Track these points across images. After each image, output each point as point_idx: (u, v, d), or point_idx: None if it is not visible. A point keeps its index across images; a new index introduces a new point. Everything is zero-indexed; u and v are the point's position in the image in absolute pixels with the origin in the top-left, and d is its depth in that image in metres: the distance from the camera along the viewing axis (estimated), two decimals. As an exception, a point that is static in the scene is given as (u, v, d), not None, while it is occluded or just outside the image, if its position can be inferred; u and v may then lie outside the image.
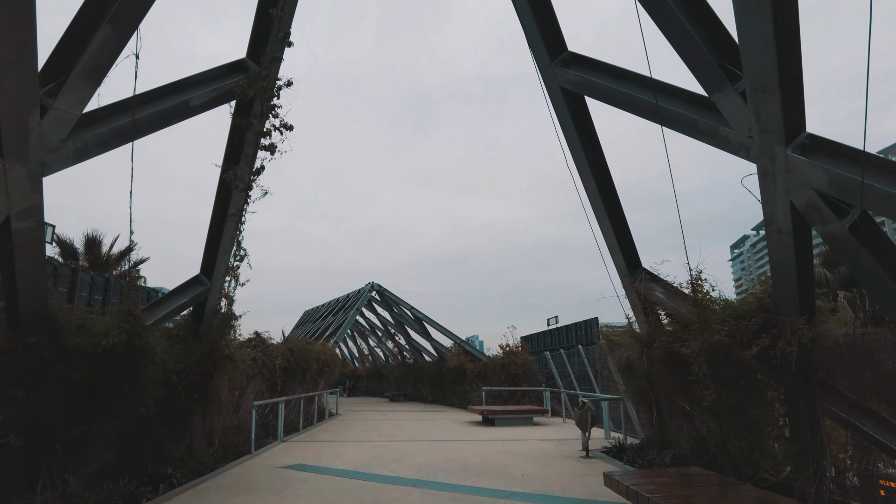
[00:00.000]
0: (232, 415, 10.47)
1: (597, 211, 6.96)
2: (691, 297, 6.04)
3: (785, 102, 3.85)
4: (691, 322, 5.94)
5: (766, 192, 4.32)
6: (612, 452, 9.16)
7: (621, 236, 7.09)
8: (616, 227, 6.99)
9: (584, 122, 6.69)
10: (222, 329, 7.25)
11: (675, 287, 6.84)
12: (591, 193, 6.81)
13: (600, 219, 7.00)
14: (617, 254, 7.19)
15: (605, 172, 6.75)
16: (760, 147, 4.13)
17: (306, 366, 13.36)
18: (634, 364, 9.20)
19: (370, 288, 26.42)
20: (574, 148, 6.60)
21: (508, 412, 14.38)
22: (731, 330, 5.24)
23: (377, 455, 9.38)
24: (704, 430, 7.48)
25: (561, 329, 21.05)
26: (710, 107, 4.59)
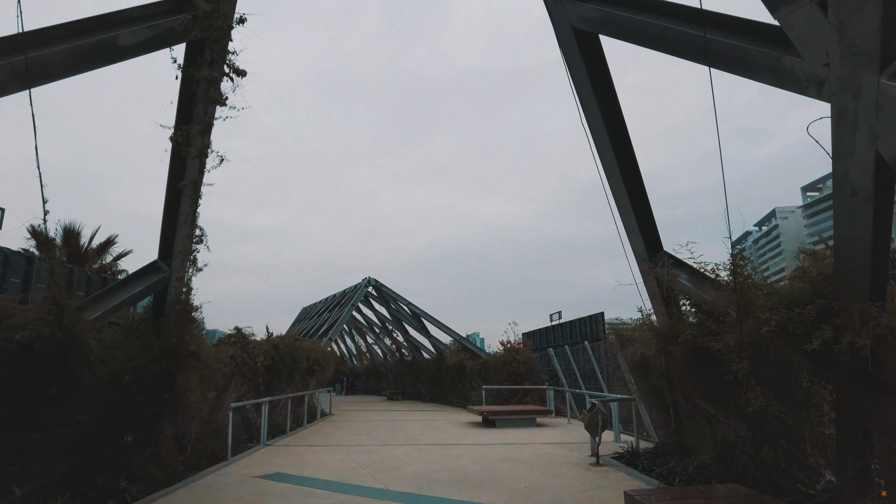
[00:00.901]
0: (209, 418, 9.63)
1: (614, 185, 6.07)
2: (728, 283, 5.11)
3: (888, 8, 2.89)
4: (726, 312, 5.05)
5: (842, 140, 3.38)
6: (624, 459, 8.30)
7: (641, 214, 6.20)
8: (635, 204, 6.11)
9: (601, 74, 5.70)
10: (181, 323, 6.37)
11: (702, 272, 5.96)
12: (607, 164, 5.92)
13: (617, 194, 6.12)
14: (635, 235, 6.31)
15: (624, 138, 5.85)
16: (840, 78, 3.16)
17: (294, 364, 12.51)
18: (650, 361, 8.34)
19: (366, 283, 25.55)
20: (588, 107, 5.67)
21: (510, 413, 13.53)
22: (781, 320, 4.36)
23: (367, 462, 8.53)
24: (732, 436, 6.62)
25: (564, 325, 20.16)
26: (767, 36, 3.68)
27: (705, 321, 5.70)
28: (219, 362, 8.95)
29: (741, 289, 4.79)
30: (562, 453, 9.15)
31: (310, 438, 11.53)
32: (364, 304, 30.55)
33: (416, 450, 9.79)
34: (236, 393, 11.21)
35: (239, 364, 10.20)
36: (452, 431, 12.67)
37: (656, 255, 6.42)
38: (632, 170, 5.97)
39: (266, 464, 8.47)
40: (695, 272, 6.10)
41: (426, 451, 9.58)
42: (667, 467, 7.07)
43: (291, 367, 12.46)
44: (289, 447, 10.35)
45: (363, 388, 37.25)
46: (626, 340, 9.26)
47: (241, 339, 10.72)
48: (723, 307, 5.08)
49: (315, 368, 14.47)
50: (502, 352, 18.81)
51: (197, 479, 7.30)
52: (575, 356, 16.59)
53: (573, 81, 5.58)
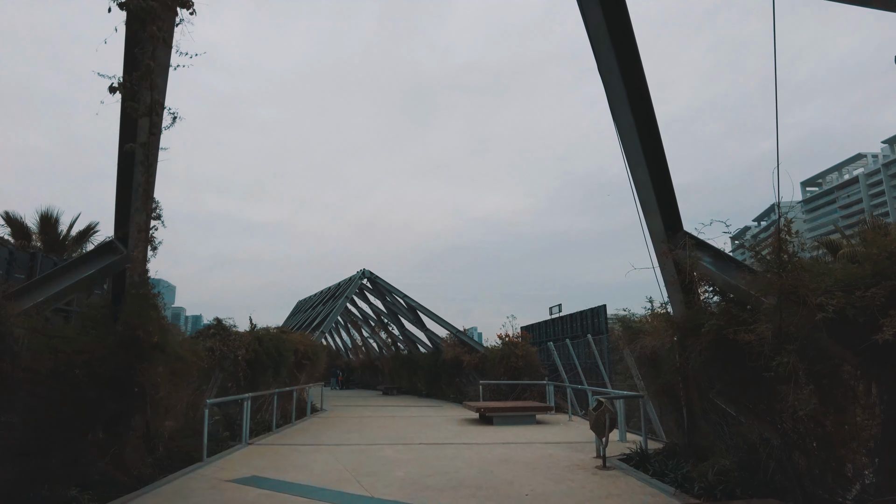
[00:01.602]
0: (185, 415, 8.94)
1: (631, 153, 5.37)
2: (767, 262, 4.37)
3: None
4: (762, 298, 4.36)
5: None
6: (633, 461, 7.65)
7: (660, 188, 5.51)
8: (655, 176, 5.41)
9: (620, 24, 4.94)
10: (139, 309, 5.66)
11: (728, 255, 5.27)
12: (624, 129, 5.22)
13: (634, 164, 5.42)
14: (653, 212, 5.62)
15: (645, 101, 5.12)
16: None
17: (280, 358, 11.81)
18: (662, 356, 7.67)
19: (361, 275, 24.85)
20: (605, 62, 4.93)
21: (508, 409, 12.89)
22: (840, 305, 3.66)
23: (354, 464, 7.86)
24: (755, 439, 5.96)
25: (565, 318, 19.52)
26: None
27: (732, 309, 5.03)
28: (194, 355, 8.25)
29: (787, 268, 4.06)
30: (565, 454, 8.50)
31: (296, 437, 10.87)
32: (359, 297, 29.87)
33: (409, 450, 9.13)
34: (217, 388, 10.53)
35: (218, 358, 9.51)
36: (448, 429, 12.02)
37: (676, 236, 5.74)
38: (652, 137, 5.27)
39: (244, 466, 7.80)
40: (720, 254, 5.42)
41: (419, 452, 8.92)
42: (681, 472, 6.41)
43: (278, 362, 11.77)
44: (273, 446, 9.68)
45: (359, 382, 36.57)
46: (634, 333, 8.60)
47: (221, 331, 10.02)
48: (760, 291, 4.38)
49: (304, 363, 13.79)
50: (500, 345, 18.15)
51: (164, 483, 6.64)
52: (576, 350, 15.93)
53: (589, 31, 4.87)
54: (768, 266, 4.27)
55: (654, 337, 7.56)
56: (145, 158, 4.72)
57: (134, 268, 5.60)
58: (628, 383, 15.99)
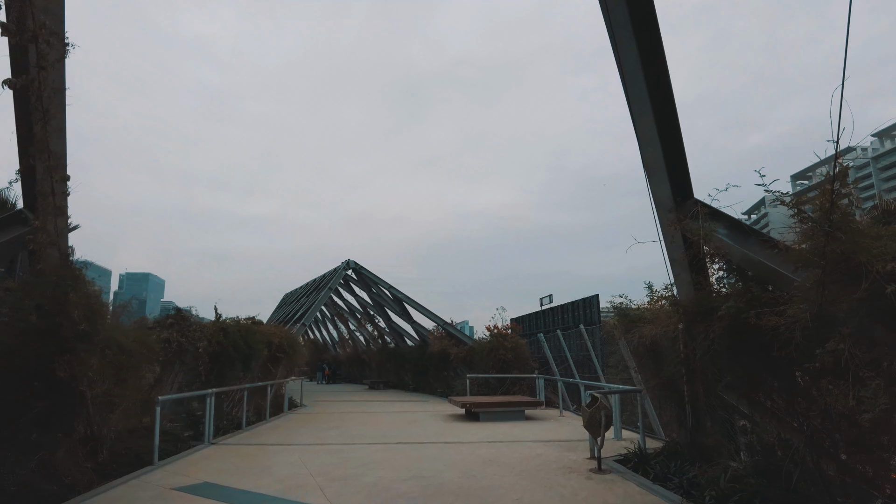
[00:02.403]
0: (139, 414, 8.09)
1: (635, 101, 4.58)
2: (816, 220, 3.44)
3: None
4: (802, 268, 3.58)
5: None
6: (631, 463, 6.93)
7: (669, 146, 4.74)
8: (663, 131, 4.64)
9: None
10: (57, 292, 4.81)
11: (747, 226, 4.53)
12: (630, 70, 4.43)
13: (639, 115, 4.64)
14: (660, 176, 4.86)
15: (653, 33, 4.32)
16: None
17: (250, 351, 10.97)
18: (664, 346, 6.95)
19: (345, 266, 23.95)
20: None
21: (496, 404, 12.16)
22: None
23: (323, 468, 7.08)
24: (772, 439, 5.25)
25: (556, 309, 18.77)
26: None
27: (753, 289, 4.28)
28: (142, 346, 7.40)
29: (840, 229, 3.22)
30: (556, 455, 7.77)
31: (267, 436, 10.05)
32: (345, 289, 29.02)
33: (387, 450, 8.36)
34: (178, 384, 9.68)
35: (175, 350, 8.65)
36: (432, 426, 11.27)
37: (686, 205, 4.99)
38: (661, 82, 4.49)
39: (200, 470, 6.98)
40: (738, 225, 4.67)
41: (397, 452, 8.15)
42: (687, 477, 5.70)
43: (247, 355, 10.93)
44: (238, 447, 8.87)
45: (346, 376, 35.74)
46: (631, 322, 7.88)
47: (180, 321, 9.16)
48: (799, 261, 3.60)
49: (279, 356, 12.95)
50: (489, 338, 17.41)
51: (100, 492, 5.80)
52: (568, 342, 15.23)
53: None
54: (813, 229, 3.46)
55: (655, 325, 6.84)
56: (37, 100, 3.86)
57: (43, 240, 4.73)
58: (622, 376, 15.33)
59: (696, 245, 4.91)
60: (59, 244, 4.83)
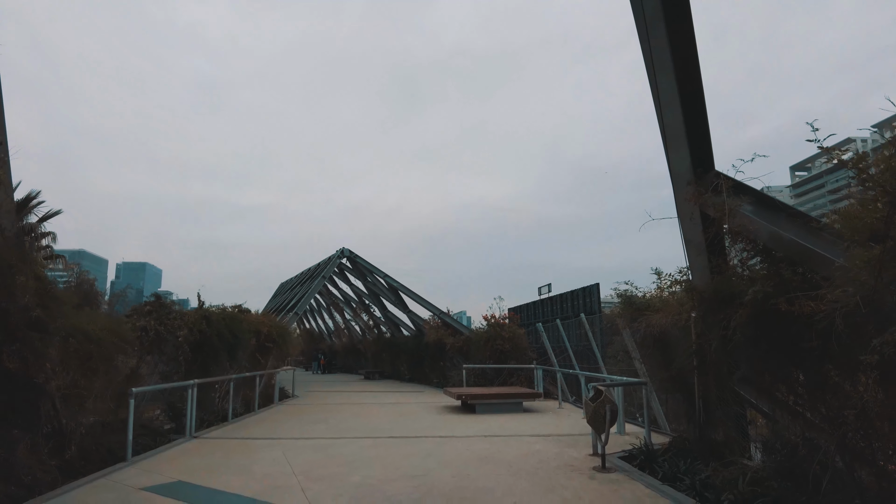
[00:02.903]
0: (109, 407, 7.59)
1: (657, 61, 4.03)
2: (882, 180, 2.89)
3: None
4: (856, 241, 3.06)
5: None
6: (637, 460, 6.48)
7: (691, 112, 4.22)
8: (685, 96, 4.10)
9: None
10: (1, 276, 4.28)
11: (777, 201, 4.03)
12: (651, 24, 3.87)
13: (660, 72, 4.09)
14: (679, 143, 4.34)
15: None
16: None
17: (236, 340, 10.48)
18: (673, 336, 6.47)
19: (340, 254, 23.42)
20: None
21: (493, 396, 11.71)
22: None
23: (307, 464, 6.62)
24: (795, 438, 4.78)
25: (554, 298, 18.32)
26: None
27: (784, 272, 3.79)
28: (113, 336, 6.90)
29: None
30: (556, 451, 7.32)
31: (253, 429, 9.59)
32: (340, 278, 28.53)
33: (376, 445, 7.91)
34: (158, 374, 9.19)
35: (152, 339, 8.15)
36: (426, 419, 10.82)
37: (706, 177, 4.47)
38: (684, 33, 3.94)
39: (175, 467, 6.51)
40: (766, 200, 4.16)
41: (388, 448, 7.69)
42: (700, 478, 5.24)
43: (233, 344, 10.43)
44: (221, 441, 8.40)
45: (342, 366, 35.36)
46: (636, 311, 7.39)
47: (158, 309, 8.64)
48: (853, 233, 3.06)
49: (268, 345, 12.46)
50: (486, 327, 16.96)
51: (62, 493, 5.33)
52: (567, 332, 14.78)
53: None
54: (881, 194, 2.92)
55: (664, 314, 6.35)
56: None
57: None
58: (620, 367, 14.91)
59: (715, 223, 4.40)
60: (2, 222, 4.30)
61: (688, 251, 4.98)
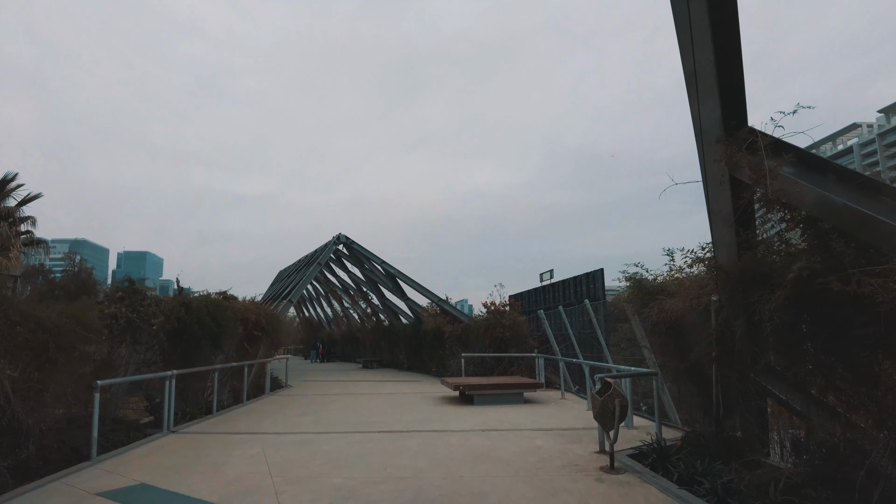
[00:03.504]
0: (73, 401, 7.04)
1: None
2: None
3: None
4: None
5: None
6: (648, 459, 5.90)
7: (724, 51, 3.54)
8: (718, 30, 3.41)
9: None
10: None
11: (828, 162, 3.37)
12: None
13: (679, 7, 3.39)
14: (708, 92, 3.66)
15: None
16: None
17: (220, 329, 9.89)
18: (690, 322, 5.86)
19: (336, 241, 22.80)
20: None
21: (492, 387, 11.15)
22: None
23: (286, 463, 6.06)
24: (833, 438, 4.17)
25: (557, 285, 17.70)
26: None
27: (835, 244, 3.16)
28: (76, 324, 6.31)
29: None
30: (559, 447, 6.74)
31: (237, 422, 9.04)
32: (337, 266, 27.97)
33: (364, 441, 7.34)
34: (134, 365, 8.62)
35: (122, 327, 7.56)
36: (421, 411, 10.27)
37: (739, 134, 3.81)
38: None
39: (143, 467, 5.95)
40: (812, 160, 3.50)
41: (376, 443, 7.13)
42: (723, 481, 4.64)
43: (217, 333, 9.85)
44: (200, 436, 7.85)
45: (341, 354, 34.93)
46: (647, 296, 6.76)
47: (131, 295, 8.04)
48: None
49: (256, 334, 11.88)
50: (485, 315, 16.37)
51: (7, 500, 4.78)
52: (570, 319, 14.18)
53: None
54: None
55: (679, 298, 5.73)
56: None
57: None
58: (624, 355, 14.30)
59: (747, 190, 3.75)
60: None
61: (712, 224, 4.33)
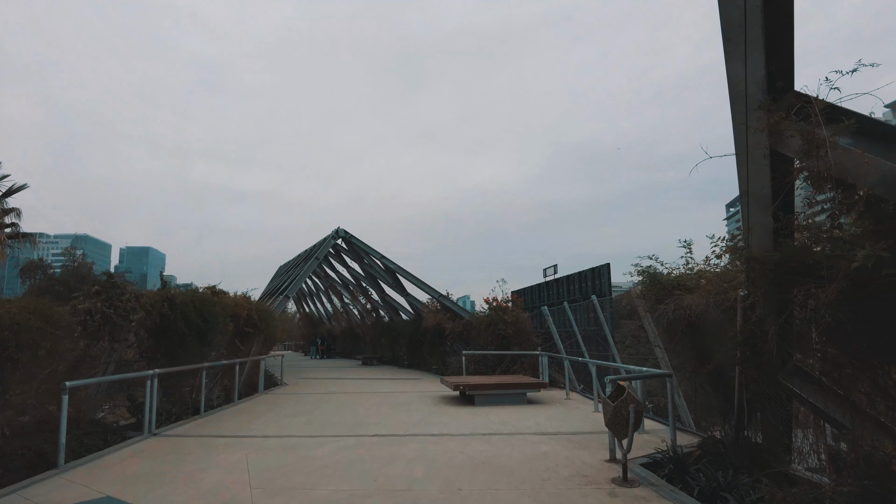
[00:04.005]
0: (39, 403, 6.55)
1: None
2: None
3: None
4: None
5: None
6: (664, 470, 5.38)
7: (772, 1, 2.97)
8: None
9: None
10: None
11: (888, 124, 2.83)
12: None
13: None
14: (752, 46, 3.11)
15: None
16: None
17: (208, 325, 9.40)
18: (712, 320, 5.34)
19: (335, 235, 22.27)
20: None
21: (494, 386, 10.64)
22: None
23: (269, 471, 5.56)
24: (887, 456, 3.65)
25: (561, 280, 17.13)
26: None
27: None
28: (42, 320, 5.81)
29: None
30: (566, 454, 6.23)
31: (223, 424, 8.56)
32: (336, 261, 27.49)
33: (356, 446, 6.85)
34: (114, 364, 8.13)
35: (97, 324, 7.07)
36: (419, 412, 9.77)
37: (783, 99, 3.26)
38: None
39: (113, 475, 5.47)
40: (877, 128, 2.95)
41: (369, 449, 6.63)
42: (752, 499, 4.13)
43: (204, 330, 9.36)
44: (182, 439, 7.37)
45: (341, 351, 34.49)
46: (662, 291, 6.23)
47: (109, 289, 7.54)
48: None
49: (247, 331, 11.39)
50: (487, 311, 15.86)
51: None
52: (575, 315, 13.65)
53: None
54: None
55: (701, 293, 5.20)
56: None
57: None
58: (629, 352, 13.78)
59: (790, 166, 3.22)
60: None
61: (746, 207, 3.79)
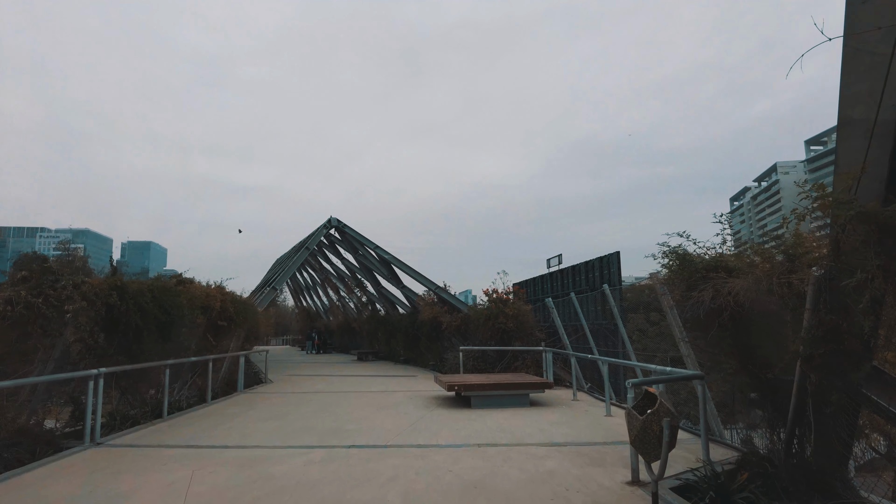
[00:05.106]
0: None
1: None
2: None
3: None
4: None
5: None
6: (705, 500, 4.28)
7: None
8: None
9: None
10: None
11: None
12: None
13: None
14: None
15: None
16: None
17: (169, 318, 8.31)
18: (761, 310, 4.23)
19: (327, 225, 21.16)
20: None
21: (493, 387, 9.54)
22: None
23: (209, 495, 4.49)
24: None
25: (565, 271, 16.02)
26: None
27: None
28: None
29: None
30: (577, 472, 5.13)
31: (181, 431, 7.49)
32: (331, 252, 26.43)
33: (327, 460, 5.77)
34: (54, 361, 7.05)
35: (20, 316, 5.98)
36: (408, 415, 8.68)
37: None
38: None
39: (20, 499, 4.39)
40: None
41: (340, 465, 5.55)
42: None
43: (165, 323, 8.27)
44: (126, 450, 6.31)
45: (337, 345, 33.48)
46: (694, 275, 5.11)
47: (39, 275, 6.45)
48: None
49: (221, 325, 10.31)
50: (487, 304, 14.76)
51: None
52: (583, 307, 12.54)
53: None
54: None
55: (753, 275, 4.09)
56: None
57: None
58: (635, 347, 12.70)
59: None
60: None
61: (843, 138, 2.64)
